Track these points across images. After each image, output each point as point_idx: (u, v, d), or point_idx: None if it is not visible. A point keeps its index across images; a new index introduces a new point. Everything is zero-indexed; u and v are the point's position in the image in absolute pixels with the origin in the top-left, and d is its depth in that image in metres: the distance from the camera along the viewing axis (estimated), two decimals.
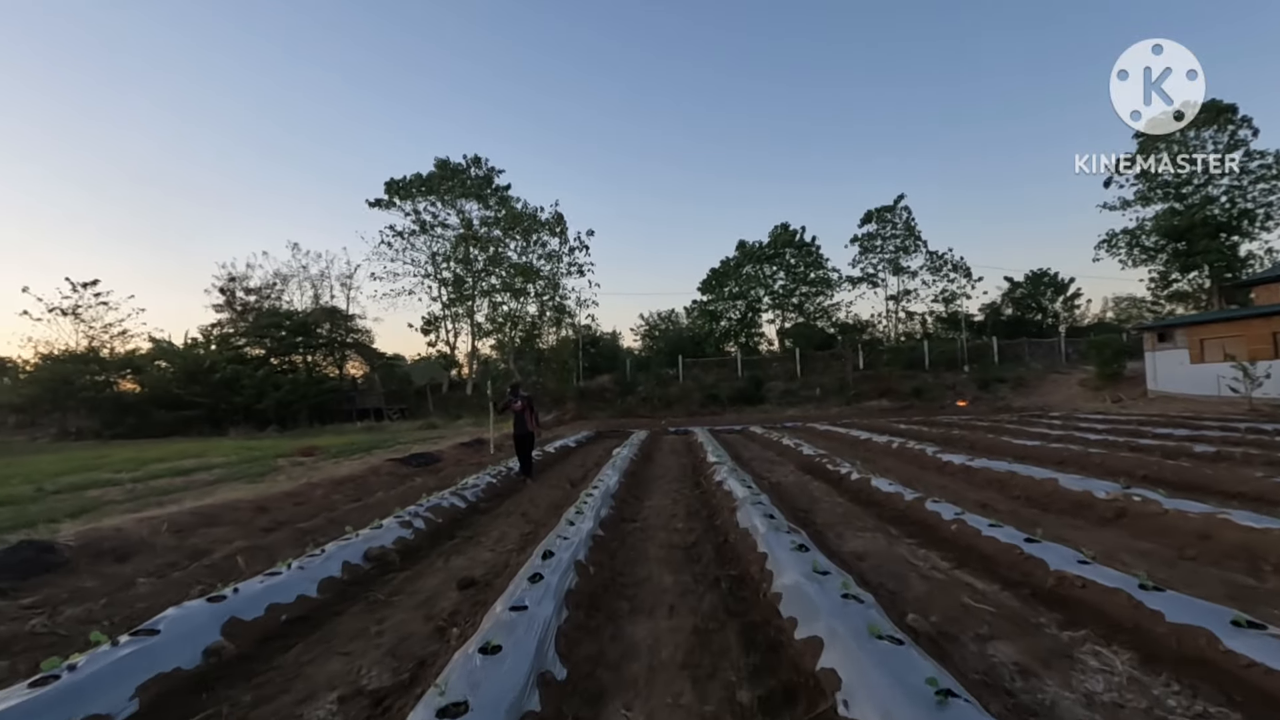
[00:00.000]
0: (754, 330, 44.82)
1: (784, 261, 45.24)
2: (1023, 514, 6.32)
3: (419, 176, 37.02)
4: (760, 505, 6.07)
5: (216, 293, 35.31)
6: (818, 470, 10.09)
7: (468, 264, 37.78)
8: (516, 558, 5.27)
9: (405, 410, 33.37)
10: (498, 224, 38.03)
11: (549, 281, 38.28)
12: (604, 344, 44.28)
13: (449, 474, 10.90)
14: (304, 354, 35.03)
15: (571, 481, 9.81)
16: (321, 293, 37.76)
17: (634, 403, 32.36)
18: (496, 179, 38.39)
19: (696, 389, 32.97)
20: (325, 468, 12.01)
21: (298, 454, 14.89)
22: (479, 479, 9.20)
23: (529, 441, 10.40)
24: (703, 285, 45.21)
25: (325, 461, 13.62)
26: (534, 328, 39.03)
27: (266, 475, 11.32)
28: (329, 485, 9.29)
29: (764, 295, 45.15)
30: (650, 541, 5.78)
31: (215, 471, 12.20)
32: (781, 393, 32.54)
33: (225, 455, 15.70)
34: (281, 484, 10.02)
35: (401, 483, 10.02)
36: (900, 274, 44.40)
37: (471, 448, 15.19)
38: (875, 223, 44.46)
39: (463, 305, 38.05)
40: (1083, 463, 9.12)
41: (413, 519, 6.46)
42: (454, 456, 13.37)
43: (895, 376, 32.35)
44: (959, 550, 5.04)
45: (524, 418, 10.20)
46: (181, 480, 11.03)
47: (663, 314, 49.99)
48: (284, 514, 7.38)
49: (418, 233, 37.87)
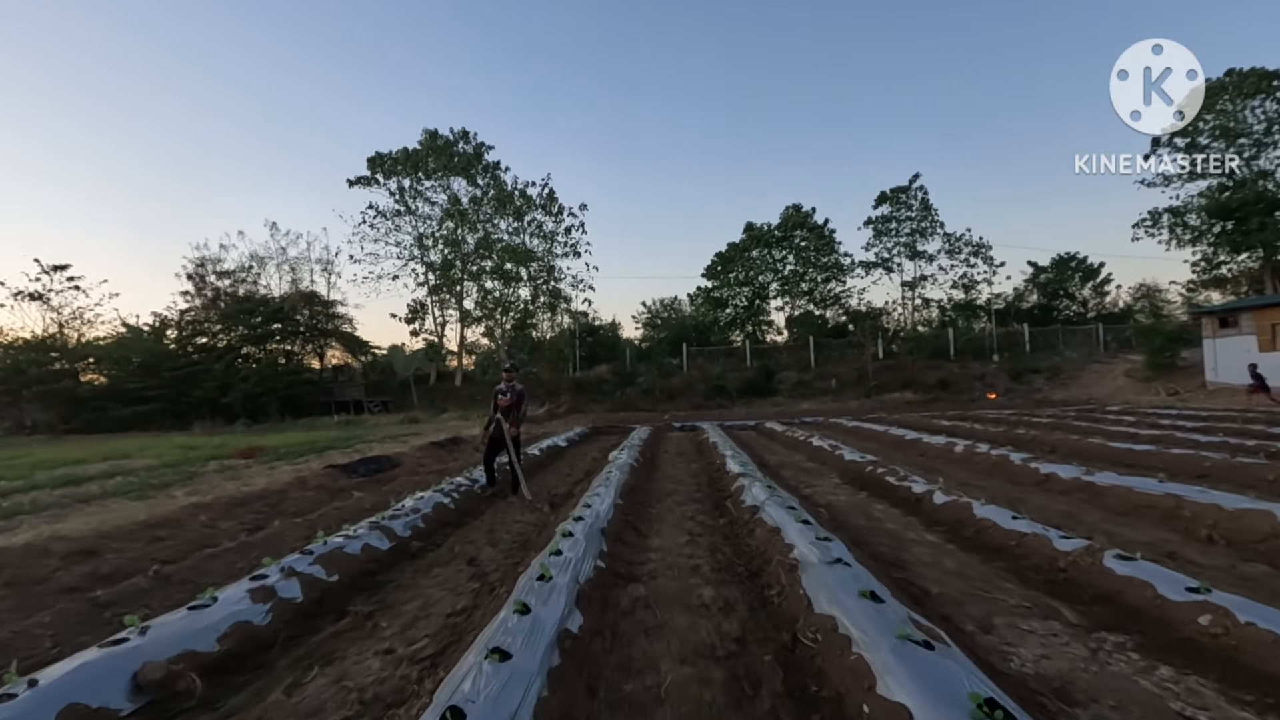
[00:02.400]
0: (762, 318, 42.34)
1: (794, 245, 42.74)
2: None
3: (405, 151, 34.46)
4: (845, 569, 3.66)
5: (184, 278, 32.84)
6: (874, 485, 7.70)
7: (456, 246, 35.27)
8: (424, 679, 2.87)
9: (388, 403, 31.01)
10: (488, 203, 35.53)
11: (542, 264, 35.79)
12: (603, 333, 41.86)
13: (398, 486, 8.50)
14: (281, 343, 32.61)
15: (552, 501, 7.41)
16: (300, 277, 35.32)
17: (634, 395, 29.97)
18: (486, 155, 35.85)
19: (701, 380, 30.56)
20: (252, 476, 9.62)
21: (236, 455, 12.52)
22: (428, 497, 6.80)
23: (503, 446, 7.83)
24: (708, 271, 42.72)
25: (262, 466, 11.26)
26: (527, 314, 36.56)
27: (172, 486, 8.93)
28: (225, 507, 6.90)
29: (772, 281, 42.71)
30: (663, 638, 3.37)
31: (118, 480, 9.84)
32: (794, 384, 30.14)
33: (158, 456, 13.33)
34: (177, 500, 7.66)
35: (330, 500, 7.61)
36: (917, 258, 41.93)
37: (444, 449, 12.81)
38: (890, 204, 41.91)
39: (450, 290, 35.54)
40: (1240, 477, 6.70)
41: (285, 578, 4.06)
42: (415, 461, 10.96)
43: (918, 366, 29.92)
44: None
45: (508, 415, 7.77)
46: (60, 494, 8.64)
47: (665, 301, 47.51)
48: (113, 561, 4.98)
49: (403, 213, 35.35)
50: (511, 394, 7.85)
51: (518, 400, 7.89)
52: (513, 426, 7.76)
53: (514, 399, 7.83)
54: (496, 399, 7.88)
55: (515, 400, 7.84)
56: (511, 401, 7.80)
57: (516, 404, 7.86)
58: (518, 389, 7.96)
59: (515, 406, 7.84)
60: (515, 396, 7.86)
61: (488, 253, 35.68)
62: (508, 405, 7.78)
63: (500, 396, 7.85)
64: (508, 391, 7.86)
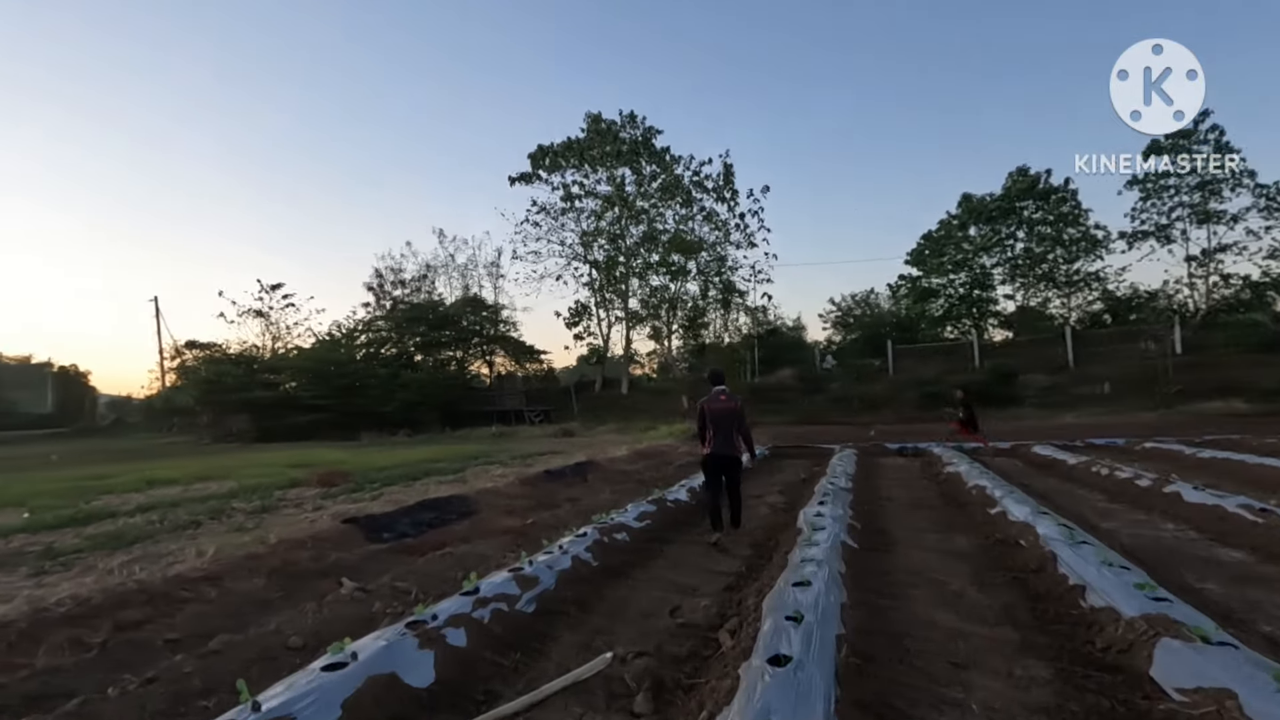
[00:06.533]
0: (986, 308, 34.43)
1: (1024, 218, 34.16)
2: None
3: (568, 142, 32.53)
4: None
5: (366, 289, 34.06)
6: None
7: (620, 240, 32.53)
8: None
9: (549, 412, 28.89)
10: (655, 191, 32.40)
11: (712, 253, 31.72)
12: (785, 332, 36.72)
13: (430, 569, 4.89)
14: (451, 349, 32.17)
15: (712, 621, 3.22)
16: (470, 283, 35.01)
17: (823, 404, 24.76)
18: (654, 139, 32.70)
19: (911, 385, 24.42)
20: (271, 526, 6.62)
21: (315, 481, 9.99)
22: (459, 607, 3.02)
23: (733, 474, 6.00)
24: (913, 256, 35.72)
25: (328, 501, 8.45)
26: (696, 311, 32.68)
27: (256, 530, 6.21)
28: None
29: (997, 264, 34.58)
30: None
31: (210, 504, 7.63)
32: (1044, 389, 22.86)
33: (256, 476, 11.35)
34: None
35: (281, 608, 4.14)
36: (1210, 222, 31.29)
37: (558, 480, 9.20)
38: (1167, 154, 31.63)
39: (614, 289, 32.84)
40: None
41: None
42: (490, 510, 7.27)
43: (1239, 364, 21.05)
44: None
45: (730, 429, 5.87)
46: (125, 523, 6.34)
47: (857, 297, 41.11)
48: None
49: (567, 209, 33.40)
50: (730, 398, 6.00)
51: (738, 416, 5.95)
52: (738, 443, 5.91)
53: (736, 405, 5.99)
54: (706, 406, 5.97)
55: (737, 408, 5.97)
56: (736, 407, 5.96)
57: (738, 420, 5.94)
58: (736, 401, 6.06)
59: (738, 416, 5.94)
60: (736, 404, 5.99)
61: (653, 247, 32.50)
62: (735, 409, 5.93)
63: (723, 397, 5.95)
64: (730, 397, 5.99)
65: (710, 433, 5.84)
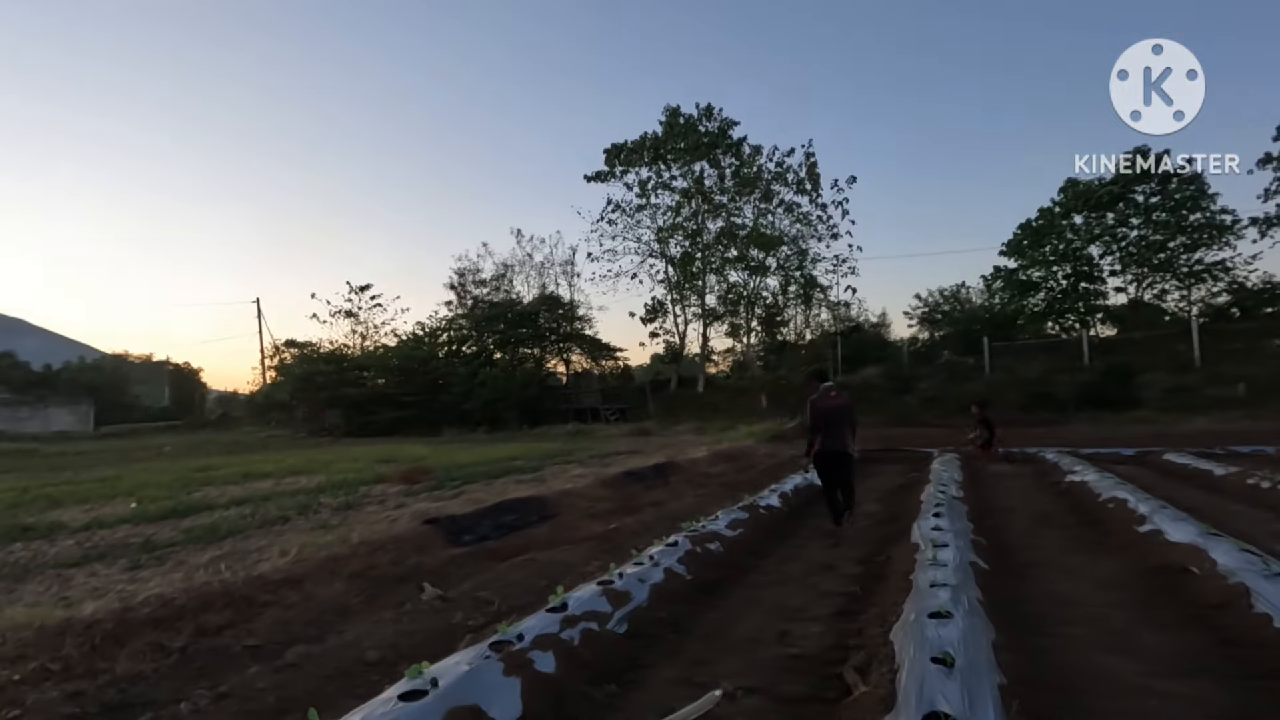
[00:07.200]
0: (1093, 301, 31.76)
1: (1137, 204, 31.16)
2: None
3: (643, 138, 32.24)
4: None
5: (448, 289, 34.99)
6: None
7: (698, 236, 31.98)
8: None
9: (625, 410, 28.73)
10: (734, 185, 31.68)
11: (793, 247, 30.63)
12: (868, 330, 35.10)
13: (512, 577, 4.64)
14: (529, 347, 32.62)
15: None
16: (547, 281, 35.35)
17: (913, 405, 23.36)
18: (732, 131, 31.95)
19: (1011, 385, 22.69)
20: (354, 523, 6.59)
21: (398, 478, 10.08)
22: (541, 625, 2.77)
23: (846, 468, 5.88)
24: (1010, 246, 33.30)
25: (410, 498, 8.47)
26: (775, 308, 31.67)
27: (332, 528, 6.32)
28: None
29: (1104, 254, 31.79)
30: None
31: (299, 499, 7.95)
32: (1167, 391, 20.68)
33: (346, 471, 11.62)
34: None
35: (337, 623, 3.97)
36: None
37: (639, 482, 8.86)
38: None
39: (691, 285, 32.29)
40: None
41: None
42: (571, 513, 6.98)
43: None
44: None
45: (841, 425, 5.83)
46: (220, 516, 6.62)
47: (947, 292, 38.79)
48: None
49: (643, 206, 33.11)
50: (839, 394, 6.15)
51: (850, 412, 6.02)
52: (849, 440, 5.89)
53: (846, 401, 6.10)
54: (816, 407, 5.97)
55: (846, 404, 6.05)
56: (846, 403, 6.06)
57: (850, 416, 5.98)
58: (847, 397, 6.24)
59: (850, 417, 5.98)
60: (845, 400, 6.12)
61: (730, 242, 31.76)
62: (844, 405, 6.01)
63: (832, 393, 6.05)
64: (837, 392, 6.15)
65: (821, 431, 5.78)
